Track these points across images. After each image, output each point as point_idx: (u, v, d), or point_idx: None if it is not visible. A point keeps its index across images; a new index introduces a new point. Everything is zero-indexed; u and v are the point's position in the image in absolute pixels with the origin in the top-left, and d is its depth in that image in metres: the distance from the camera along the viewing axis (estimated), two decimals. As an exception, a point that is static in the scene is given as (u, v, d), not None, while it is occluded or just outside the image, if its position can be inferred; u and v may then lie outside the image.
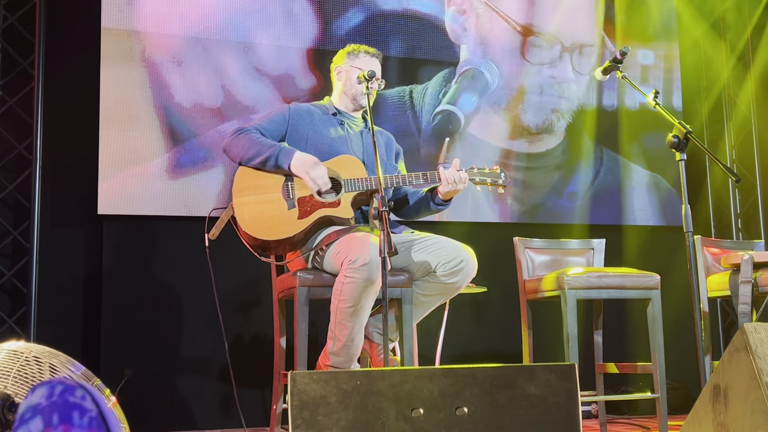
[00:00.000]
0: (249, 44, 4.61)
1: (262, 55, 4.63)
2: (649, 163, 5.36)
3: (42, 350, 1.87)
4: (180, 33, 4.49)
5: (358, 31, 4.82)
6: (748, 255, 3.29)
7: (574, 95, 5.21)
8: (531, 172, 5.07)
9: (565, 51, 5.20)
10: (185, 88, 4.48)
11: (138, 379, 4.17)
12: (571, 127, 5.20)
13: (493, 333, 4.86)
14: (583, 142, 5.22)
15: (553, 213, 5.09)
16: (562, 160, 5.16)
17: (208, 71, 4.53)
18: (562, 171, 5.14)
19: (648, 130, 5.36)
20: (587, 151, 5.22)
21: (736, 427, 1.98)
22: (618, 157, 5.30)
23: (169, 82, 4.45)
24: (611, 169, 5.28)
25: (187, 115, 4.47)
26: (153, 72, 4.43)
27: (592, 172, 5.20)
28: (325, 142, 3.10)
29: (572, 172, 5.16)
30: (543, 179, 5.10)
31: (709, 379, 2.10)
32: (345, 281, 2.80)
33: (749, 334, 1.98)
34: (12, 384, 1.78)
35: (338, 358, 2.90)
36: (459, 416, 1.95)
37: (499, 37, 5.10)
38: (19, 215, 4.29)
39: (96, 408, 1.38)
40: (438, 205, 3.15)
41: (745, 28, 5.63)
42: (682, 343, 4.57)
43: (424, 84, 4.94)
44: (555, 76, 5.16)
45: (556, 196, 5.11)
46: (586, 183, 5.18)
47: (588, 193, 5.17)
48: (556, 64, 5.17)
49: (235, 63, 4.58)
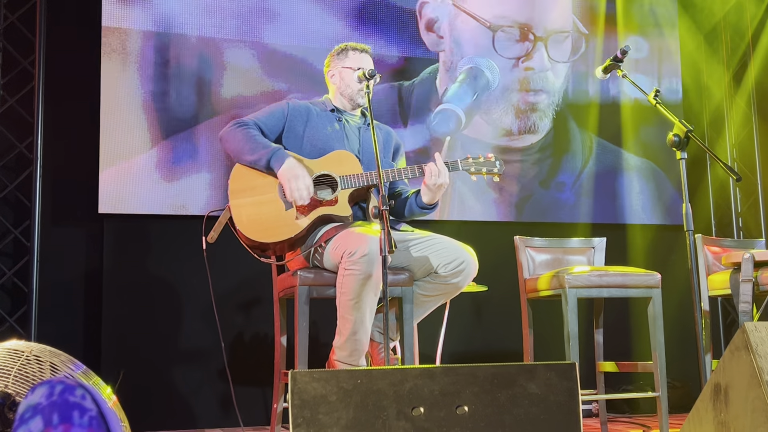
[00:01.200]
0: (249, 43, 4.61)
1: (261, 54, 4.63)
2: (650, 162, 5.35)
3: (43, 349, 1.87)
4: (180, 32, 4.49)
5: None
6: (749, 254, 3.29)
7: (552, 87, 5.17)
8: (516, 164, 5.03)
9: (539, 41, 5.16)
10: (185, 88, 4.48)
11: (138, 377, 4.17)
12: (558, 117, 5.17)
13: (493, 332, 4.86)
14: (569, 131, 5.19)
15: (542, 204, 5.07)
16: (548, 151, 5.13)
17: (208, 70, 4.53)
18: (547, 162, 5.11)
19: (647, 125, 5.35)
20: (574, 140, 5.19)
21: (737, 426, 1.98)
22: (619, 154, 5.30)
23: (170, 81, 4.45)
24: (611, 166, 5.27)
25: (188, 114, 4.46)
26: (153, 71, 4.43)
27: (579, 161, 5.18)
28: (321, 138, 3.10)
29: (559, 161, 5.14)
30: (528, 170, 5.07)
31: (709, 378, 2.10)
32: (345, 274, 2.80)
33: (750, 333, 1.98)
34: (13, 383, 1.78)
35: (342, 352, 2.91)
36: (459, 415, 1.95)
37: (471, 34, 5.06)
38: (19, 214, 4.30)
39: (96, 407, 1.38)
40: (422, 208, 3.11)
41: (746, 29, 5.63)
42: (682, 341, 4.57)
43: (411, 80, 4.92)
44: (533, 67, 5.13)
45: (543, 187, 5.08)
46: (574, 172, 5.15)
47: (578, 183, 5.14)
48: (532, 54, 5.14)
49: (235, 62, 4.57)
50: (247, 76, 4.59)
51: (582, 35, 5.28)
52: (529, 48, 5.12)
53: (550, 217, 5.08)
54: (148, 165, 4.37)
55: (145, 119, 4.39)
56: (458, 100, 4.96)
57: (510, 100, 5.07)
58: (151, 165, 4.37)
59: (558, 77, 5.20)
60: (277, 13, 4.69)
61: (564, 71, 5.23)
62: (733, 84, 5.70)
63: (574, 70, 5.26)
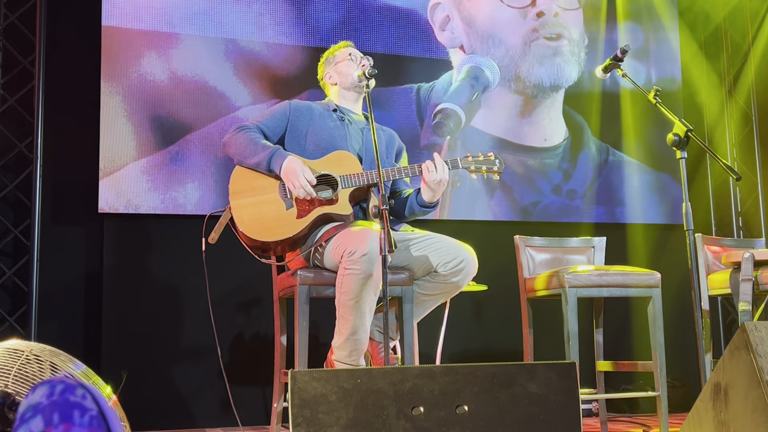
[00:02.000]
0: (249, 43, 4.61)
1: (261, 53, 4.63)
2: (650, 161, 5.35)
3: (42, 348, 1.87)
4: (180, 31, 4.49)
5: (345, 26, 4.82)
6: (749, 253, 3.29)
7: (568, 34, 5.22)
8: (530, 169, 5.06)
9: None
10: (186, 87, 4.48)
11: (139, 376, 4.17)
12: (572, 123, 5.20)
13: (493, 331, 4.86)
14: (583, 139, 5.22)
15: (551, 210, 5.09)
16: (563, 157, 5.16)
17: (208, 69, 4.53)
18: (562, 169, 5.14)
19: (649, 126, 5.35)
20: (589, 149, 5.22)
21: (737, 426, 1.98)
22: (619, 153, 5.30)
23: (170, 80, 4.45)
24: (612, 166, 5.27)
25: (188, 114, 4.46)
26: (153, 70, 4.43)
27: (593, 171, 5.20)
28: (324, 138, 3.10)
29: (573, 169, 5.15)
30: (542, 176, 5.09)
31: (709, 378, 2.10)
32: (345, 273, 2.80)
33: (750, 333, 1.98)
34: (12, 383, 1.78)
35: (342, 352, 2.91)
36: (459, 414, 1.95)
37: (480, 8, 5.10)
38: (19, 213, 4.30)
39: (96, 407, 1.38)
40: (423, 207, 3.11)
41: (747, 27, 5.63)
42: (682, 341, 4.57)
43: (431, 82, 4.95)
44: (543, 12, 5.17)
45: (555, 193, 5.10)
46: (586, 182, 5.17)
47: (589, 192, 5.17)
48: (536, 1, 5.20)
49: (234, 62, 4.57)
50: (249, 77, 4.59)
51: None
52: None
53: (549, 216, 5.08)
54: (149, 164, 4.37)
55: (146, 119, 4.39)
56: (458, 99, 4.97)
57: (533, 50, 5.13)
58: (151, 164, 4.37)
59: (572, 26, 5.26)
60: (286, 16, 4.69)
61: (578, 20, 5.28)
62: (733, 83, 5.69)
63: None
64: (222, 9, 4.59)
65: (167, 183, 4.39)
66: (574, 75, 5.24)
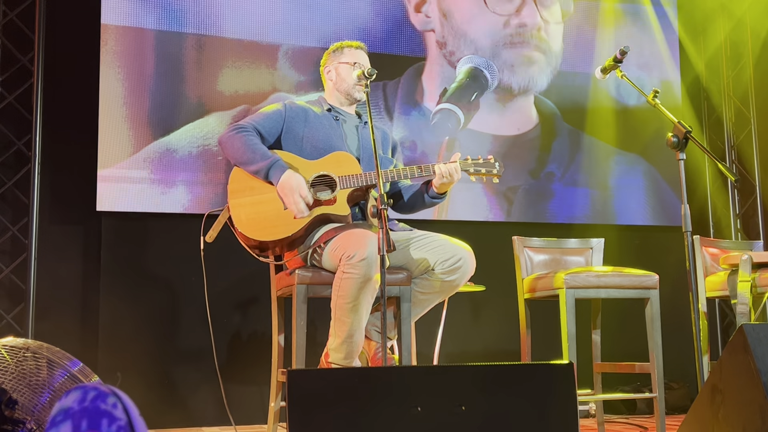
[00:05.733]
0: (248, 42, 4.61)
1: (260, 53, 4.63)
2: (648, 163, 5.35)
3: (40, 346, 1.87)
4: (180, 31, 4.49)
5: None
6: (747, 255, 3.30)
7: (547, 48, 5.18)
8: (506, 156, 5.02)
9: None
10: (186, 86, 4.47)
11: (136, 375, 4.16)
12: (543, 109, 5.17)
13: (491, 332, 4.86)
14: (555, 124, 5.19)
15: (532, 194, 5.07)
16: (537, 142, 5.13)
17: (208, 68, 4.53)
18: (538, 152, 5.11)
19: (648, 128, 5.36)
20: (561, 133, 5.19)
21: (735, 427, 1.98)
22: (619, 155, 5.30)
23: (170, 79, 4.45)
24: (609, 166, 5.27)
25: (188, 113, 4.46)
26: (153, 69, 4.42)
27: (567, 153, 5.17)
28: (321, 139, 3.10)
29: (548, 154, 5.13)
30: (520, 160, 5.06)
31: (707, 379, 2.10)
32: (343, 277, 2.80)
33: (747, 335, 1.99)
34: (9, 380, 1.78)
35: (338, 354, 2.90)
36: (457, 414, 1.95)
37: (460, 4, 5.08)
38: (17, 212, 4.29)
39: (126, 417, 1.38)
40: (433, 198, 3.16)
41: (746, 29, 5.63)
42: (680, 342, 4.57)
43: (395, 78, 4.92)
44: (525, 23, 5.15)
45: (533, 176, 5.08)
46: (563, 164, 5.15)
47: (566, 176, 5.13)
48: (522, 10, 5.15)
49: (233, 61, 4.57)
50: (249, 74, 4.59)
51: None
52: (518, 4, 5.14)
53: (532, 202, 5.07)
54: (147, 163, 4.37)
55: (145, 117, 4.38)
56: (457, 100, 4.96)
57: (503, 56, 5.09)
58: (149, 163, 4.37)
59: (553, 40, 5.22)
60: (288, 14, 4.69)
61: (558, 34, 5.24)
62: (732, 84, 5.70)
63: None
64: (222, 9, 4.59)
65: (165, 182, 4.39)
66: (545, 83, 5.19)
